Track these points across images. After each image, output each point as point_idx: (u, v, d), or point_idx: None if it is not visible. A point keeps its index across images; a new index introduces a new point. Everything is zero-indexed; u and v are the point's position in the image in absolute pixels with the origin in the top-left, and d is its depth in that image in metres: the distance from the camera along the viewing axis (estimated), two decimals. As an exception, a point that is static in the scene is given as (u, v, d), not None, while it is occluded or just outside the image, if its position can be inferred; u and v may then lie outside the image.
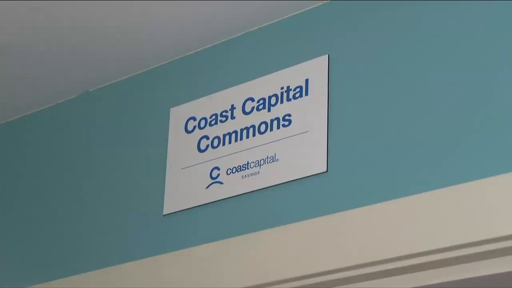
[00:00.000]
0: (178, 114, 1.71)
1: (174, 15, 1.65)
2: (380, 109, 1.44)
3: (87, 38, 1.73)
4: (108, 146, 1.84)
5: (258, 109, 1.59)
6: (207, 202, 1.60)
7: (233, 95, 1.63)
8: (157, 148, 1.72)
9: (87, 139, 1.88)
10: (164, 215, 1.65)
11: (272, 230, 1.48)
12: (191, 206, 1.62)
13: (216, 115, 1.65)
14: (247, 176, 1.56)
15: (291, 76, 1.56)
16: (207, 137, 1.64)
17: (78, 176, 1.87)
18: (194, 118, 1.67)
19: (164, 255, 1.61)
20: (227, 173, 1.59)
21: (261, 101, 1.59)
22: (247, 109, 1.60)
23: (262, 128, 1.57)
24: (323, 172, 1.46)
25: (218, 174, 1.60)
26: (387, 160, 1.40)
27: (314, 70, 1.53)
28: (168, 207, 1.65)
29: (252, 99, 1.60)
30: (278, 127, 1.55)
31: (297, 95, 1.54)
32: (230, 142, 1.61)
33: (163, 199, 1.66)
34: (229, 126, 1.62)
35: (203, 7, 1.62)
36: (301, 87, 1.54)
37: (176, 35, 1.70)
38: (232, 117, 1.62)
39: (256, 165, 1.55)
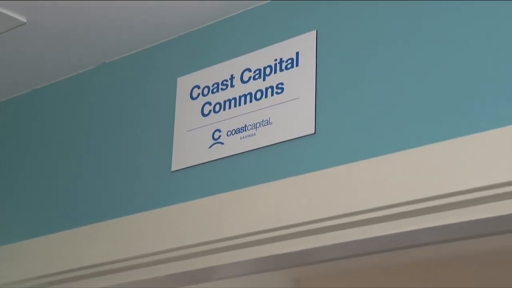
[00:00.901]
0: (184, 83, 1.71)
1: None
2: (362, 78, 1.45)
3: (103, 14, 1.72)
4: (123, 112, 1.84)
5: (254, 79, 1.60)
6: (210, 160, 1.61)
7: (232, 66, 1.64)
8: (165, 113, 1.73)
9: (105, 106, 1.89)
10: (172, 171, 1.66)
11: (266, 184, 1.50)
12: (195, 164, 1.63)
13: (217, 83, 1.65)
14: (244, 137, 1.57)
15: (283, 49, 1.57)
16: (209, 103, 1.65)
17: (95, 138, 1.87)
18: (198, 87, 1.68)
19: (172, 206, 1.62)
20: (227, 135, 1.60)
21: (257, 72, 1.59)
22: (245, 78, 1.61)
23: (258, 95, 1.58)
24: (311, 134, 1.47)
25: (219, 136, 1.61)
26: (368, 122, 1.41)
27: (304, 44, 1.54)
28: (176, 165, 1.66)
29: (249, 70, 1.61)
30: (272, 94, 1.56)
31: (288, 66, 1.55)
32: (229, 108, 1.62)
33: (171, 157, 1.67)
34: (229, 93, 1.63)
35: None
36: (292, 59, 1.55)
37: (182, 13, 1.70)
38: (232, 86, 1.63)
39: (253, 128, 1.56)
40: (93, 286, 1.73)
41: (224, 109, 1.63)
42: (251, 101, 1.59)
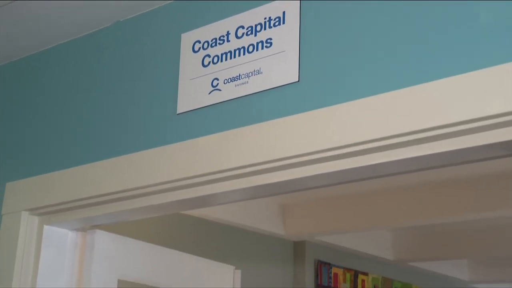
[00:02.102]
0: (187, 39, 1.71)
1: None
2: (341, 34, 1.45)
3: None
4: (135, 64, 1.83)
5: (247, 34, 1.59)
6: (209, 104, 1.62)
7: (228, 24, 1.64)
8: (171, 64, 1.72)
9: (120, 58, 1.88)
10: (177, 114, 1.67)
11: (258, 124, 1.51)
12: (197, 107, 1.64)
13: (215, 39, 1.65)
14: (239, 84, 1.57)
15: (272, 9, 1.56)
16: (209, 56, 1.65)
17: (112, 87, 1.87)
18: (199, 41, 1.68)
19: (178, 143, 1.64)
20: (224, 83, 1.60)
21: (249, 28, 1.59)
22: (239, 34, 1.61)
23: (250, 48, 1.58)
24: (295, 82, 1.48)
25: (217, 83, 1.61)
26: (344, 71, 1.42)
27: (289, 5, 1.53)
28: (181, 108, 1.67)
29: (242, 27, 1.61)
30: (262, 48, 1.56)
31: (276, 23, 1.55)
32: (226, 59, 1.62)
33: (177, 102, 1.68)
34: (225, 47, 1.62)
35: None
36: (279, 17, 1.54)
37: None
38: (228, 41, 1.63)
39: (246, 77, 1.57)
40: (113, 210, 1.76)
41: (221, 61, 1.63)
42: (244, 54, 1.59)
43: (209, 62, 1.64)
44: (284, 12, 1.54)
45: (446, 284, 5.28)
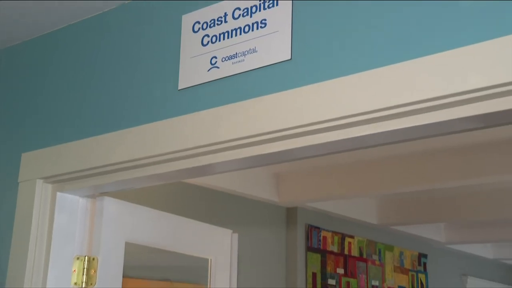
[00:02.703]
0: (188, 20, 1.69)
1: None
2: (328, 15, 1.44)
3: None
4: (142, 43, 1.82)
5: (243, 16, 1.58)
6: (208, 80, 1.61)
7: (226, 6, 1.62)
8: (173, 44, 1.71)
9: (126, 38, 1.86)
10: (179, 90, 1.66)
11: (253, 99, 1.51)
12: (197, 83, 1.63)
13: (214, 20, 1.64)
14: (235, 62, 1.56)
15: (266, -8, 1.56)
16: (208, 35, 1.64)
17: (119, 64, 1.86)
18: (198, 22, 1.67)
19: (180, 116, 1.64)
20: (222, 61, 1.59)
21: (245, 10, 1.58)
22: (236, 15, 1.60)
23: (246, 29, 1.57)
24: (288, 60, 1.47)
25: (216, 61, 1.60)
26: (333, 50, 1.41)
27: (282, -13, 1.53)
28: (182, 84, 1.66)
29: (239, 8, 1.59)
30: (257, 28, 1.55)
31: (270, 5, 1.53)
32: (224, 39, 1.60)
33: (178, 78, 1.67)
34: (223, 27, 1.61)
35: None
36: (273, 0, 1.53)
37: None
38: (225, 21, 1.61)
39: (242, 55, 1.56)
40: (120, 178, 1.76)
41: (219, 40, 1.61)
42: (240, 33, 1.58)
43: (208, 42, 1.63)
44: (277, -5, 1.52)
45: (424, 245, 5.33)
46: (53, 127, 1.97)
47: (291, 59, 1.47)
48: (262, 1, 1.55)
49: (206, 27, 1.65)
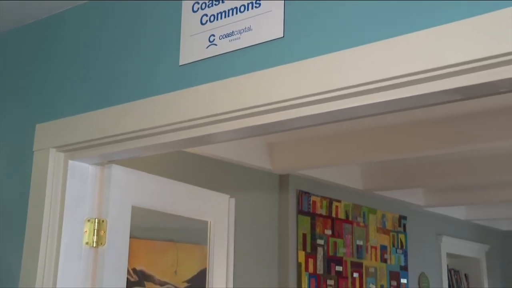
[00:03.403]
0: (188, 1, 1.67)
1: None
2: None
3: None
4: (147, 24, 1.80)
5: (239, -4, 1.57)
6: (207, 57, 1.59)
7: (223, -13, 1.61)
8: (174, 23, 1.69)
9: (131, 19, 1.84)
10: (180, 65, 1.65)
11: (248, 74, 1.50)
12: (196, 60, 1.62)
13: (212, 0, 1.62)
14: (232, 40, 1.55)
15: (260, -26, 1.53)
16: (206, 15, 1.62)
17: (125, 42, 1.84)
18: (198, 3, 1.65)
19: (181, 90, 1.63)
20: (219, 38, 1.58)
21: (241, -9, 1.56)
22: (232, -4, 1.58)
23: (242, 8, 1.55)
24: (280, 37, 1.46)
25: (214, 39, 1.59)
26: (322, 28, 1.40)
27: (275, -30, 1.50)
28: (182, 60, 1.65)
29: (235, -10, 1.58)
30: (252, 8, 1.53)
31: (264, -13, 1.52)
32: (221, 18, 1.59)
33: (179, 55, 1.66)
34: (221, 7, 1.59)
35: None
36: (267, -19, 1.51)
37: None
38: (222, 2, 1.60)
39: (238, 33, 1.54)
40: (127, 147, 1.75)
41: (217, 20, 1.60)
42: (237, 13, 1.56)
43: (207, 21, 1.62)
44: (271, -23, 1.50)
45: (404, 208, 5.36)
46: (65, 100, 1.96)
47: (283, 36, 1.45)
48: (256, -17, 1.53)
49: (205, 7, 1.63)
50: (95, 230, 1.91)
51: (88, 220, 1.91)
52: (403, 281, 5.17)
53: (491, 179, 4.31)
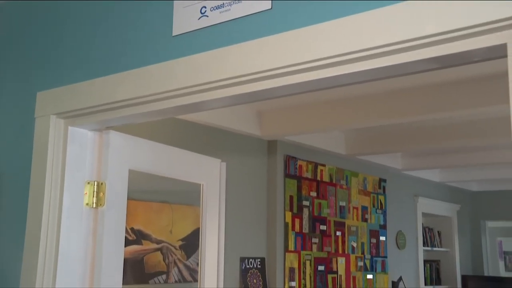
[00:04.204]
0: (180, -27, 1.65)
1: None
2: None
3: None
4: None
5: (229, -31, 1.54)
6: (199, 28, 1.57)
7: (214, -40, 1.57)
8: (168, -6, 1.67)
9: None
10: (173, 36, 1.63)
11: (238, 44, 1.48)
12: (189, 30, 1.59)
13: (203, -27, 1.59)
14: (222, 11, 1.53)
15: None
16: (198, -12, 1.60)
17: (121, 15, 1.81)
18: (190, -25, 1.62)
19: (175, 59, 1.61)
20: (210, 10, 1.55)
21: (231, -36, 1.53)
22: (223, -31, 1.55)
23: (232, -19, 1.53)
24: (268, 9, 1.44)
25: (205, 11, 1.57)
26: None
27: None
28: (175, 31, 1.62)
29: (225, -37, 1.55)
30: (242, -19, 1.51)
31: (253, -40, 1.49)
32: (212, -9, 1.57)
33: (172, 26, 1.63)
34: (212, -20, 1.57)
35: None
36: (256, -45, 1.48)
37: None
38: (213, -25, 1.57)
39: (228, 5, 1.52)
40: (124, 114, 1.74)
41: (208, -8, 1.57)
42: (227, -14, 1.54)
43: (199, -7, 1.59)
44: (259, -49, 1.47)
45: (384, 171, 5.41)
46: (65, 69, 1.93)
47: (271, 8, 1.43)
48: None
49: (197, -20, 1.60)
50: (95, 192, 1.91)
51: (88, 183, 1.91)
52: (382, 238, 5.25)
53: (464, 144, 4.35)
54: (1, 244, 1.99)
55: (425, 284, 5.92)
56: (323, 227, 4.56)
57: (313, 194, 4.51)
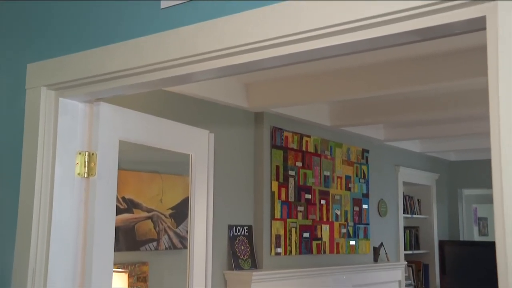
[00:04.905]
0: None
1: None
2: None
3: None
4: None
5: None
6: (186, 0, 1.54)
7: None
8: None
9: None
10: (161, 8, 1.60)
11: (225, 17, 1.46)
12: (177, 3, 1.57)
13: None
14: (210, -16, 1.51)
15: None
16: (185, -40, 1.57)
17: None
18: None
19: (163, 32, 1.59)
20: (198, -17, 1.53)
21: None
22: None
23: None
24: (255, -18, 1.42)
25: (193, -16, 1.54)
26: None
27: None
28: (164, 4, 1.60)
29: None
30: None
31: None
32: (199, -37, 1.54)
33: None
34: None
35: None
36: None
37: None
38: None
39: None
40: (113, 86, 1.72)
41: (196, -35, 1.54)
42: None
43: (186, -35, 1.56)
44: None
45: (367, 142, 5.44)
46: (55, 41, 1.90)
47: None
48: None
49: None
50: (86, 162, 1.90)
51: (79, 153, 1.90)
52: (365, 206, 5.32)
53: (443, 116, 4.39)
54: (-5, 213, 1.99)
55: (405, 249, 6.03)
56: (308, 196, 4.60)
57: (299, 164, 4.54)
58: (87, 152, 1.91)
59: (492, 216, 1.01)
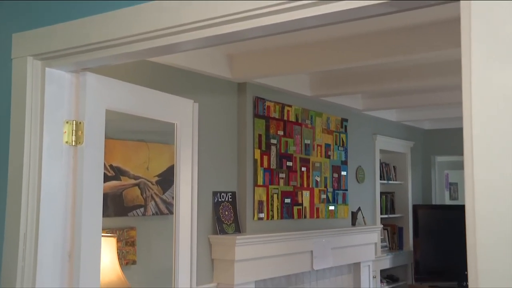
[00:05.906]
0: None
1: None
2: None
3: None
4: None
5: None
6: (170, -29, 1.52)
7: None
8: None
9: None
10: (145, -21, 1.58)
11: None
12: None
13: None
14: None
15: None
16: None
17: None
18: None
19: (148, 2, 1.55)
20: (181, -47, 1.50)
21: None
22: None
23: None
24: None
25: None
26: None
27: None
28: (147, -26, 1.57)
29: None
30: None
31: None
32: None
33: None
34: None
35: None
36: None
37: None
38: None
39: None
40: (99, 56, 1.70)
41: None
42: None
43: None
44: None
45: (345, 111, 5.47)
46: (39, 11, 1.86)
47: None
48: None
49: None
50: (74, 131, 1.88)
51: (67, 122, 1.88)
52: (343, 173, 5.38)
53: (418, 86, 4.41)
54: (-15, 181, 1.97)
55: (381, 214, 6.13)
56: (289, 163, 4.63)
57: (280, 133, 4.55)
58: (74, 121, 1.89)
59: (463, 181, 1.03)
